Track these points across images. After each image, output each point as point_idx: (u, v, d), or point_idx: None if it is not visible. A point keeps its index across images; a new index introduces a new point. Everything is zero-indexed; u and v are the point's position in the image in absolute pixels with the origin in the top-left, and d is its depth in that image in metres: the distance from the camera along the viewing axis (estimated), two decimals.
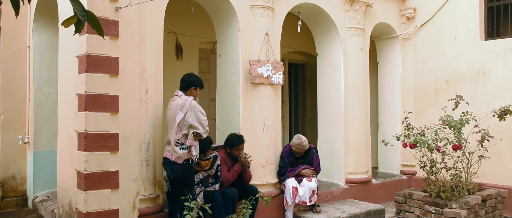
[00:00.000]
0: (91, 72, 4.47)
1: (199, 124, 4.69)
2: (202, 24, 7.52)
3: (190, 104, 4.72)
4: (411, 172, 8.27)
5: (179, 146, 4.69)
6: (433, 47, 8.05)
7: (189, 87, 4.96)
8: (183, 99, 4.79)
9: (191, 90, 4.96)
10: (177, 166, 4.72)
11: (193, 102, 4.78)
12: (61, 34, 5.18)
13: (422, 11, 8.18)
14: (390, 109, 8.53)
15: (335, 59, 7.36)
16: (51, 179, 6.25)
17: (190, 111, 4.69)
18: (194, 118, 4.68)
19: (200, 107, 4.81)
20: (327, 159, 7.25)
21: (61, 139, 5.18)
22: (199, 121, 4.69)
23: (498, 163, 6.99)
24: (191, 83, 4.98)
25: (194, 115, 4.69)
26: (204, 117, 4.76)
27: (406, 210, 6.27)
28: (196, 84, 5.00)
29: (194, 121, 4.66)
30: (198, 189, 5.13)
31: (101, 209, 4.49)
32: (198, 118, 4.69)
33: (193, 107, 4.71)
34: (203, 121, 4.73)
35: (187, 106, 4.71)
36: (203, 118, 4.74)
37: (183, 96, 4.86)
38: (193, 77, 5.05)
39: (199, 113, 4.72)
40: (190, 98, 4.79)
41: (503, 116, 6.43)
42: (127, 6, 4.65)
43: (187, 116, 4.68)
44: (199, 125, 4.68)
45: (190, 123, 4.66)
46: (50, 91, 6.51)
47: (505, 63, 7.09)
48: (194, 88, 4.98)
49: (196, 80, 5.03)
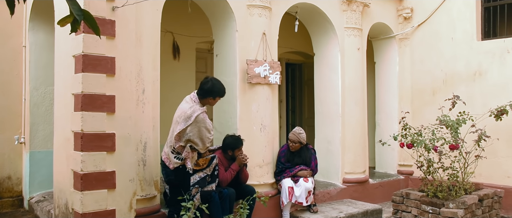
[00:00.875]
0: (88, 72, 4.44)
1: (199, 140, 4.46)
2: (199, 24, 7.51)
3: (196, 118, 4.42)
4: (408, 172, 8.28)
5: (174, 154, 4.59)
6: (430, 47, 8.06)
7: (205, 96, 4.68)
8: (192, 109, 4.49)
9: (208, 100, 4.71)
10: (171, 171, 4.66)
11: (200, 116, 4.45)
12: (57, 33, 5.16)
13: (419, 11, 8.19)
14: (387, 109, 8.54)
15: (332, 59, 7.35)
16: (47, 180, 6.23)
17: (194, 125, 4.43)
18: (196, 133, 4.44)
19: (207, 122, 4.51)
20: (325, 159, 7.25)
21: (57, 139, 5.16)
22: (200, 137, 4.45)
23: (495, 163, 7.01)
24: (209, 92, 4.65)
25: (197, 130, 4.44)
26: (208, 134, 4.49)
27: (403, 210, 6.27)
28: (214, 95, 4.69)
29: (194, 137, 4.43)
30: (195, 190, 5.11)
31: (97, 210, 4.46)
32: (200, 134, 4.45)
33: (198, 122, 4.44)
34: (205, 138, 4.48)
35: (192, 119, 4.43)
36: (206, 135, 4.48)
37: (195, 104, 4.57)
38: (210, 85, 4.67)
39: (204, 129, 4.46)
40: (198, 111, 4.46)
41: (499, 116, 6.45)
42: (123, 5, 4.62)
43: (189, 130, 4.43)
44: (199, 141, 4.46)
45: (190, 138, 4.44)
46: (46, 91, 6.48)
47: (502, 63, 7.10)
48: (212, 98, 4.71)
49: (215, 89, 4.68)
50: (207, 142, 4.51)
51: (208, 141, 4.51)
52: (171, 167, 4.60)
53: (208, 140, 4.52)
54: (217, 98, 4.75)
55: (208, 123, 4.50)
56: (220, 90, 4.74)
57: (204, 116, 4.48)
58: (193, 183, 5.14)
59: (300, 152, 6.14)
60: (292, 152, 6.15)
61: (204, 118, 4.46)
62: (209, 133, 4.50)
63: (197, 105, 4.55)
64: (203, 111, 4.50)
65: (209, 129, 4.48)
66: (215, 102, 4.78)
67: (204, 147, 4.52)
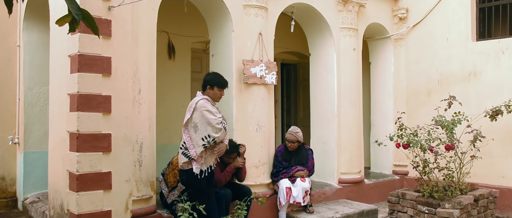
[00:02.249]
0: (84, 72, 4.41)
1: (208, 125, 4.32)
2: (195, 24, 7.49)
3: (196, 105, 4.40)
4: (403, 172, 8.30)
5: (182, 150, 4.48)
6: (425, 48, 8.08)
7: (205, 86, 4.66)
8: (193, 100, 4.53)
9: (208, 90, 4.64)
10: (182, 172, 4.55)
11: (200, 102, 4.43)
12: (52, 33, 5.12)
13: (414, 12, 8.21)
14: (383, 109, 8.56)
15: (328, 59, 7.36)
16: (42, 180, 6.18)
17: (197, 112, 4.38)
18: (200, 119, 4.33)
19: (208, 105, 4.44)
20: (320, 159, 7.24)
21: (52, 139, 5.12)
22: (207, 121, 4.31)
23: (490, 163, 7.04)
24: (206, 81, 4.65)
25: (200, 116, 4.35)
26: (212, 116, 4.35)
27: (399, 210, 6.28)
28: (211, 83, 4.62)
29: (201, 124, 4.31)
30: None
31: (93, 211, 4.43)
32: (205, 119, 4.32)
33: (198, 107, 4.39)
34: (212, 120, 4.32)
35: (193, 105, 4.42)
36: (210, 117, 4.33)
37: (199, 95, 4.59)
38: (208, 76, 4.73)
39: (206, 112, 4.34)
40: (198, 98, 4.50)
41: (494, 117, 6.48)
42: (120, 5, 4.60)
43: (194, 117, 4.38)
44: (208, 126, 4.31)
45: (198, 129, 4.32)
46: (41, 91, 6.43)
47: (497, 63, 7.13)
48: (209, 87, 4.62)
49: (212, 78, 4.66)
50: (215, 123, 4.33)
51: (216, 122, 4.33)
52: (184, 167, 4.48)
53: (216, 122, 4.34)
54: (216, 88, 4.62)
55: (210, 107, 4.41)
56: (218, 79, 4.68)
57: (204, 102, 4.43)
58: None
59: (298, 151, 6.14)
60: (290, 151, 6.14)
61: (203, 103, 4.41)
62: (214, 115, 4.36)
63: (200, 96, 4.56)
64: (203, 98, 4.47)
65: (211, 111, 4.36)
66: (215, 94, 4.64)
67: (217, 130, 4.33)
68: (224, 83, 4.70)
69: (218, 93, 4.66)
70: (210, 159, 4.52)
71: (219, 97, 4.71)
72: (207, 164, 4.49)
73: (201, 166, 4.42)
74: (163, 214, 5.20)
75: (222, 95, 4.73)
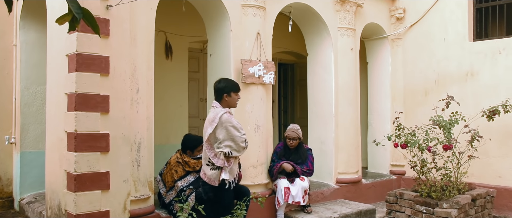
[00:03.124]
0: (81, 71, 4.38)
1: (231, 141, 4.22)
2: (192, 23, 7.47)
3: (220, 119, 4.27)
4: (401, 172, 8.31)
5: (210, 166, 4.36)
6: (422, 48, 8.10)
7: (221, 96, 4.49)
8: (215, 112, 4.36)
9: (224, 98, 4.48)
10: (209, 187, 4.42)
11: (224, 116, 4.30)
12: (49, 32, 5.08)
13: (411, 12, 8.23)
14: (380, 109, 8.57)
15: (325, 59, 7.36)
16: (39, 180, 6.15)
17: (220, 127, 4.26)
18: (225, 135, 4.23)
19: (234, 121, 4.34)
20: (318, 159, 7.23)
21: (49, 139, 5.08)
22: (231, 137, 4.22)
23: (487, 163, 7.06)
24: (221, 90, 4.47)
25: (225, 132, 4.24)
26: (238, 133, 4.26)
27: (397, 210, 6.29)
28: (227, 90, 4.47)
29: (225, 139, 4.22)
30: (189, 190, 5.08)
31: (91, 211, 4.41)
32: (229, 135, 4.22)
33: (223, 122, 4.26)
34: (236, 137, 4.24)
35: (216, 120, 4.27)
36: (236, 134, 4.24)
37: (218, 107, 4.44)
38: (222, 83, 4.52)
39: (231, 128, 4.24)
40: (221, 112, 4.35)
41: (491, 116, 6.51)
42: (118, 4, 4.58)
43: (218, 132, 4.26)
44: (232, 142, 4.23)
45: (221, 143, 4.23)
46: (38, 90, 6.39)
47: (493, 64, 7.16)
48: (226, 95, 4.46)
49: (226, 85, 4.50)
50: (240, 141, 4.25)
51: (241, 140, 4.25)
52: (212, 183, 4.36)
53: (241, 140, 4.26)
54: (233, 93, 4.49)
55: (235, 122, 4.32)
56: (230, 84, 4.57)
57: (228, 116, 4.32)
58: (187, 184, 5.12)
59: (297, 149, 6.15)
60: (289, 149, 6.14)
61: (228, 118, 4.29)
62: (239, 132, 4.27)
63: (218, 108, 4.41)
64: (226, 111, 4.35)
65: (237, 128, 4.27)
66: (233, 100, 4.52)
67: (240, 148, 4.28)
68: (238, 86, 4.61)
69: (236, 98, 4.54)
70: (235, 168, 4.44)
71: (237, 101, 4.60)
72: (233, 174, 4.41)
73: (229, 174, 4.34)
74: (161, 214, 5.18)
75: (238, 99, 4.63)
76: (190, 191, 5.08)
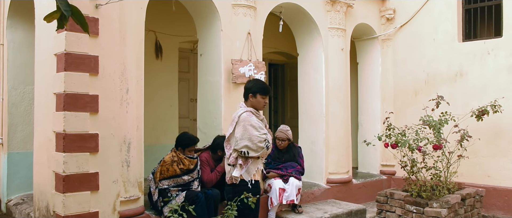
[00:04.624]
0: (70, 71, 4.32)
1: (248, 140, 4.02)
2: (182, 23, 7.43)
3: (239, 117, 4.10)
4: (391, 172, 8.34)
5: (230, 166, 4.20)
6: (412, 48, 8.14)
7: (246, 95, 4.30)
8: (236, 112, 4.23)
9: (250, 99, 4.27)
10: (229, 188, 4.25)
11: (243, 115, 4.11)
12: (37, 31, 5.01)
13: (401, 13, 8.26)
14: (370, 110, 8.59)
15: (316, 59, 7.36)
16: (26, 182, 6.06)
17: (239, 125, 4.08)
18: (242, 133, 4.04)
19: (253, 119, 4.11)
20: (308, 160, 7.24)
21: (37, 140, 5.01)
22: (248, 137, 4.03)
23: (476, 163, 7.11)
24: (247, 89, 4.28)
25: (242, 130, 4.05)
26: (256, 132, 4.05)
27: (388, 210, 6.31)
28: (253, 90, 4.25)
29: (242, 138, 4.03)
30: (175, 190, 5.06)
31: (80, 212, 4.35)
32: (247, 133, 4.03)
33: (242, 121, 4.08)
34: (254, 137, 4.03)
35: (236, 119, 4.11)
36: (253, 133, 4.03)
37: (242, 107, 4.27)
38: (250, 83, 4.34)
39: (249, 127, 4.04)
40: (242, 110, 4.17)
41: (480, 116, 6.56)
42: (107, 3, 4.52)
43: (236, 132, 4.09)
44: (248, 141, 4.02)
45: (238, 142, 4.04)
46: (25, 90, 6.31)
47: (482, 64, 7.21)
48: (251, 95, 4.24)
49: (253, 85, 4.29)
50: (258, 141, 4.03)
51: (258, 140, 4.04)
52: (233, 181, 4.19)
53: (259, 139, 4.04)
54: (258, 95, 4.24)
55: (254, 120, 4.11)
56: (260, 85, 4.30)
57: (247, 115, 4.12)
58: (175, 185, 5.10)
59: (288, 149, 6.13)
60: (280, 150, 6.13)
61: (247, 116, 4.10)
62: (257, 131, 4.05)
63: (242, 108, 4.25)
64: (247, 111, 4.16)
65: (255, 127, 4.05)
66: (258, 102, 4.26)
67: (258, 148, 4.06)
68: (266, 89, 4.32)
69: (262, 100, 4.28)
70: (252, 169, 4.22)
71: (263, 105, 4.34)
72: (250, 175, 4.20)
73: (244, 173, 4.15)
74: (151, 215, 5.14)
75: (266, 103, 4.36)
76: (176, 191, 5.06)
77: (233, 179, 4.17)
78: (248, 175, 4.16)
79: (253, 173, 4.22)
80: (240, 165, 4.12)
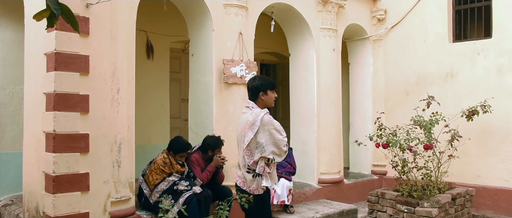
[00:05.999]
0: (60, 71, 4.28)
1: (274, 146, 3.75)
2: (174, 23, 7.41)
3: (261, 120, 3.76)
4: (382, 172, 8.37)
5: (251, 174, 3.85)
6: (403, 49, 8.18)
7: (256, 94, 3.95)
8: (254, 114, 3.82)
9: (261, 97, 3.94)
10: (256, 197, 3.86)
11: (265, 118, 3.78)
12: (27, 30, 4.96)
13: (392, 13, 8.30)
14: (361, 110, 8.62)
15: (307, 59, 7.38)
16: (16, 182, 5.99)
17: (262, 130, 3.75)
18: (268, 139, 3.74)
19: (275, 123, 3.83)
20: (300, 160, 7.24)
21: (27, 140, 4.96)
22: (273, 142, 3.75)
23: (466, 162, 7.16)
24: (256, 88, 3.94)
25: (268, 135, 3.75)
26: (280, 136, 3.79)
27: (379, 210, 6.32)
28: (263, 88, 3.93)
29: (267, 144, 3.73)
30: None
31: (70, 213, 4.31)
32: (272, 139, 3.75)
33: (265, 125, 3.76)
34: (279, 141, 3.77)
35: (257, 123, 3.75)
36: (278, 137, 3.77)
37: (255, 108, 3.89)
38: (256, 81, 3.99)
39: (274, 132, 3.76)
40: (262, 113, 3.80)
41: (470, 117, 6.60)
42: (98, 2, 4.49)
43: (259, 137, 3.76)
44: (275, 147, 3.75)
45: (264, 148, 3.74)
46: (15, 90, 6.24)
47: (472, 64, 7.26)
48: (262, 93, 3.93)
49: (262, 83, 3.97)
50: (282, 145, 3.80)
51: (283, 144, 3.80)
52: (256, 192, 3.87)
53: (283, 143, 3.81)
54: (269, 91, 3.96)
55: (276, 123, 3.85)
56: (268, 81, 4.04)
57: (269, 118, 3.83)
58: (169, 186, 5.08)
59: None
60: None
61: (270, 119, 3.81)
62: (281, 135, 3.81)
63: (256, 109, 3.89)
64: (266, 113, 3.86)
65: (279, 130, 3.82)
66: (270, 98, 3.98)
67: (282, 152, 3.82)
68: (274, 84, 4.08)
69: (273, 96, 4.01)
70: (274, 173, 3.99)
71: (274, 99, 4.06)
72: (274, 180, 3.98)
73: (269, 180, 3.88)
74: (142, 215, 5.11)
75: (276, 97, 4.09)
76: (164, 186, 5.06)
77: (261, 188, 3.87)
78: (272, 181, 3.94)
79: (276, 178, 4.02)
80: (268, 173, 3.85)
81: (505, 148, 6.92)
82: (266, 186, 3.83)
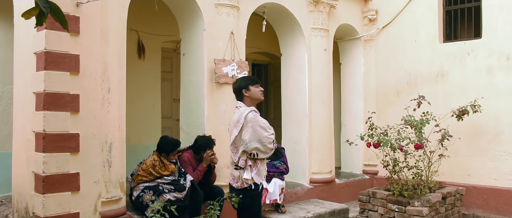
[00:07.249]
0: (50, 70, 4.25)
1: (258, 142, 3.74)
2: (165, 23, 7.38)
3: (245, 118, 3.78)
4: (373, 172, 8.40)
5: (239, 170, 3.87)
6: (394, 49, 8.22)
7: (240, 93, 3.96)
8: (239, 112, 3.86)
9: (245, 95, 3.94)
10: (237, 193, 3.89)
11: (249, 115, 3.79)
12: (16, 29, 4.92)
13: (383, 14, 8.34)
14: (353, 110, 8.65)
15: (299, 59, 7.39)
16: (5, 183, 5.93)
17: (246, 127, 3.76)
18: (251, 135, 3.74)
19: (260, 119, 3.84)
20: (292, 160, 7.23)
21: (16, 140, 4.92)
22: (258, 138, 3.75)
23: (456, 162, 7.20)
24: (238, 88, 3.98)
25: (251, 132, 3.75)
26: (265, 133, 3.79)
27: (370, 209, 6.35)
28: (244, 85, 3.95)
29: (251, 141, 3.73)
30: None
31: (60, 213, 4.28)
32: (256, 135, 3.75)
33: (249, 122, 3.77)
34: (265, 138, 3.77)
35: (241, 121, 3.78)
36: (264, 134, 3.77)
37: (242, 107, 3.91)
38: (237, 83, 4.06)
39: (259, 128, 3.76)
40: (246, 111, 3.82)
41: (461, 116, 6.65)
42: (88, 1, 4.47)
43: (243, 133, 3.77)
44: (259, 144, 3.74)
45: (247, 145, 3.74)
46: (4, 90, 6.19)
47: (462, 65, 7.32)
48: (245, 90, 3.93)
49: (241, 82, 4.02)
50: (268, 142, 3.79)
51: (268, 141, 3.79)
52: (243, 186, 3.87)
53: (269, 140, 3.80)
54: (251, 86, 3.95)
55: (262, 120, 3.85)
56: (247, 79, 4.10)
57: (254, 115, 3.84)
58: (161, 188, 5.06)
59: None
60: None
61: (254, 117, 3.82)
62: (266, 131, 3.80)
63: (243, 108, 3.91)
64: (251, 110, 3.86)
65: (264, 127, 3.80)
66: (254, 93, 3.95)
67: (268, 149, 3.82)
68: (255, 79, 4.09)
69: (257, 90, 3.98)
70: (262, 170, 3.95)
71: (261, 93, 4.02)
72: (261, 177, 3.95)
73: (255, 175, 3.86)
74: (133, 216, 5.08)
75: (262, 90, 4.05)
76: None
77: (245, 182, 3.87)
78: (259, 177, 3.92)
79: (264, 174, 4.02)
80: (249, 166, 3.85)
81: (494, 147, 6.98)
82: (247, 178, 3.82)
